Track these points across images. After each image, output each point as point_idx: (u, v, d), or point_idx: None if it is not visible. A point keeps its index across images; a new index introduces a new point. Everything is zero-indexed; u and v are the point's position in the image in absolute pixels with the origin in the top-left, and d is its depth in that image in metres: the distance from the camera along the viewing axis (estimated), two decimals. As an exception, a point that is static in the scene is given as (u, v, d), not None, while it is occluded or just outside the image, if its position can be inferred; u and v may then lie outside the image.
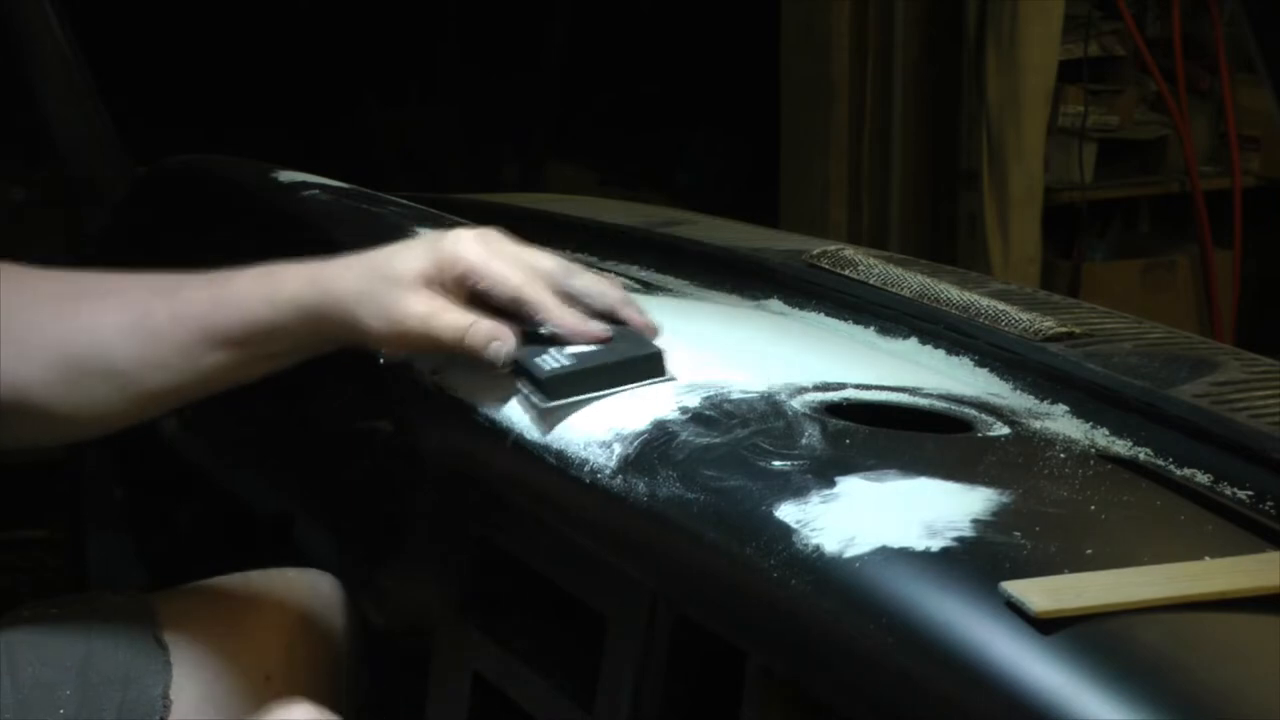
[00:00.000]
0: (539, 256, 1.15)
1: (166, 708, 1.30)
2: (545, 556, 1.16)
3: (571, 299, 1.14)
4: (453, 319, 1.12)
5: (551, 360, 1.11)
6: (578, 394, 1.10)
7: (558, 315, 1.12)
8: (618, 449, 1.06)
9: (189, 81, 4.30)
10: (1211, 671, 0.82)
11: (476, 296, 1.13)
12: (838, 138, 3.65)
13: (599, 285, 1.16)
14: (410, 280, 1.12)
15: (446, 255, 1.12)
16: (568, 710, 1.12)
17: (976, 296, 1.32)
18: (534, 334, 1.13)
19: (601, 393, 1.10)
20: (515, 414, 1.15)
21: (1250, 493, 1.03)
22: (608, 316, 1.15)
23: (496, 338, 1.12)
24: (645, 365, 1.12)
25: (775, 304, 1.46)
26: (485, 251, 1.12)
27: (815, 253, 1.47)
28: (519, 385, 1.13)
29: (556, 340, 1.13)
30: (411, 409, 1.28)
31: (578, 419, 1.10)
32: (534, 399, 1.11)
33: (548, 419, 1.11)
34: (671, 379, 1.12)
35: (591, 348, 1.12)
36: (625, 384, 1.11)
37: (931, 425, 1.09)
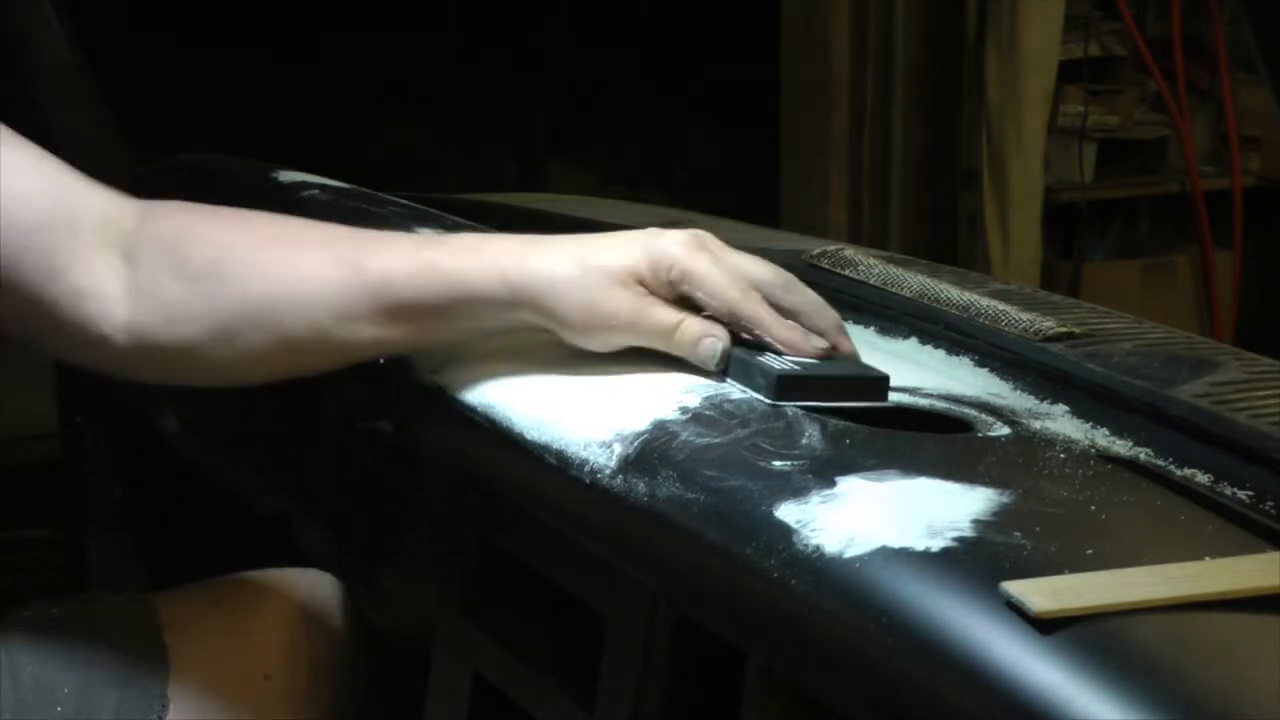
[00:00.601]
0: (755, 265, 1.13)
1: (165, 707, 1.30)
2: (545, 556, 1.16)
3: (786, 313, 1.12)
4: (662, 315, 1.10)
5: (776, 363, 1.09)
6: (806, 399, 1.08)
7: (776, 330, 1.10)
8: (618, 449, 1.06)
9: (189, 81, 4.30)
10: (1211, 671, 0.82)
11: (684, 299, 1.11)
12: (838, 138, 3.66)
13: (817, 304, 1.14)
14: (620, 274, 1.10)
15: (663, 256, 1.10)
16: (568, 710, 1.12)
17: (976, 296, 1.32)
18: (742, 339, 1.11)
19: (824, 404, 1.08)
20: (515, 413, 1.15)
21: (1250, 493, 1.03)
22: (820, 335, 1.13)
23: (711, 334, 1.10)
24: (869, 386, 1.10)
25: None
26: (702, 257, 1.10)
27: (815, 253, 1.47)
28: (732, 384, 1.10)
29: (767, 348, 1.11)
30: (411, 409, 1.28)
31: (578, 419, 1.10)
32: (766, 395, 1.08)
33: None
34: (889, 405, 1.10)
35: (812, 361, 1.10)
36: (846, 400, 1.09)
37: (931, 425, 1.09)
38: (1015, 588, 0.84)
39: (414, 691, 1.29)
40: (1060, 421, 1.14)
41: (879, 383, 1.11)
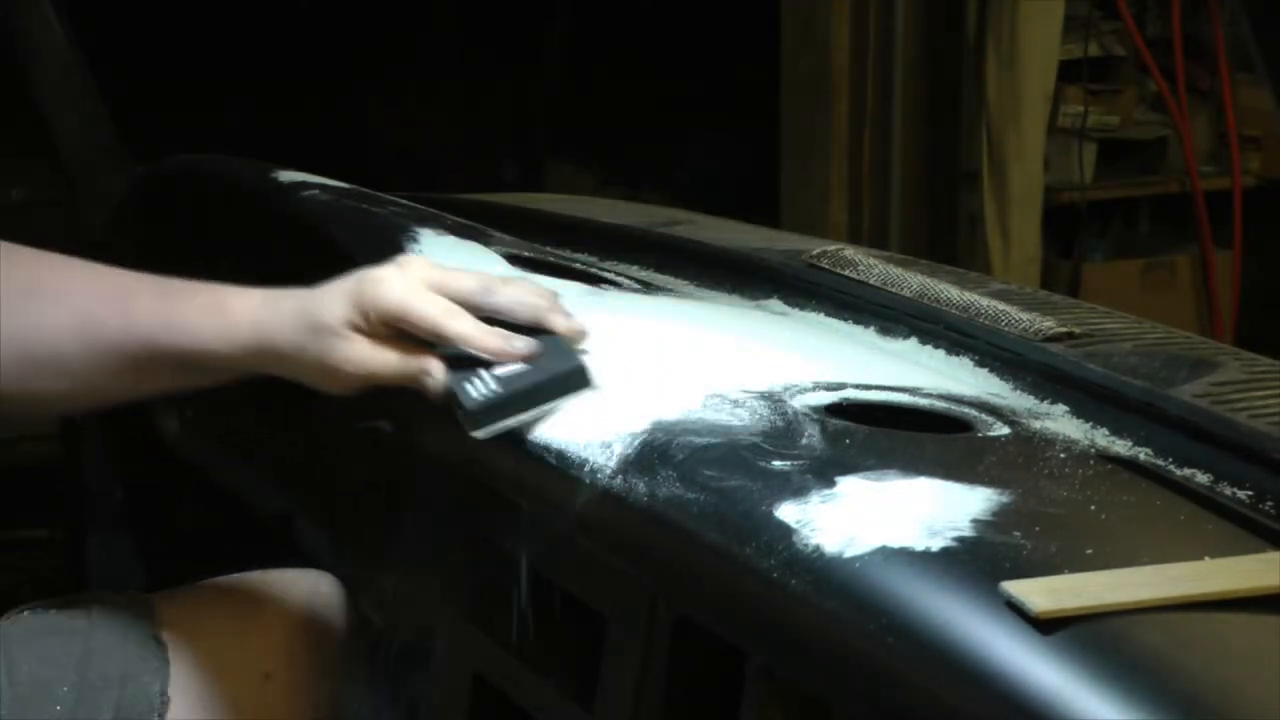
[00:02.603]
0: (458, 279, 1.16)
1: (165, 706, 1.30)
2: (545, 556, 1.16)
3: (495, 316, 1.15)
4: (384, 360, 1.14)
5: (480, 387, 1.12)
6: (504, 420, 1.12)
7: (479, 342, 1.13)
8: (618, 449, 1.06)
9: (188, 81, 4.30)
10: (1211, 671, 0.82)
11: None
12: (838, 138, 3.65)
13: (521, 297, 1.16)
14: (338, 328, 1.13)
15: (367, 298, 1.13)
16: (568, 710, 1.12)
17: (976, 296, 1.32)
18: (465, 357, 1.14)
19: (530, 414, 1.12)
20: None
21: (1250, 493, 1.03)
22: (536, 326, 1.15)
23: (426, 371, 1.13)
24: (571, 379, 1.13)
25: (775, 304, 1.46)
26: (403, 287, 1.13)
27: (815, 253, 1.47)
28: (455, 413, 1.13)
29: (486, 361, 1.14)
30: (411, 409, 1.28)
31: (578, 419, 1.10)
32: (466, 428, 1.12)
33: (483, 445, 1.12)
34: (597, 388, 1.12)
35: (519, 367, 1.13)
36: (553, 400, 1.12)
37: (931, 425, 1.09)
38: (1015, 588, 0.84)
39: (414, 691, 1.29)
40: (1060, 421, 1.14)
41: (579, 373, 1.13)
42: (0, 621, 1.34)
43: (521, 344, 1.14)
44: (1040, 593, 0.83)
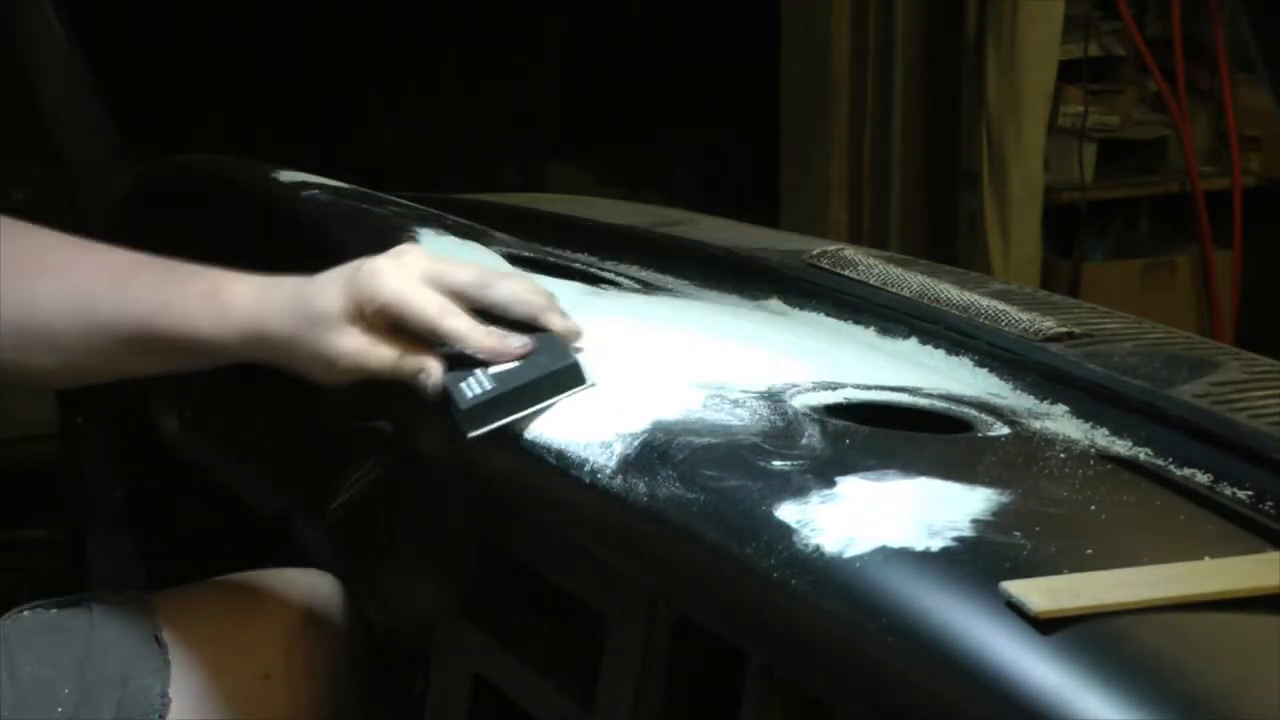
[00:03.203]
0: (455, 272, 1.15)
1: (165, 706, 1.30)
2: (545, 556, 1.16)
3: (491, 311, 1.15)
4: (379, 355, 1.13)
5: (474, 386, 1.12)
6: (499, 419, 1.11)
7: (474, 342, 1.12)
8: (618, 449, 1.06)
9: (189, 81, 4.30)
10: (1211, 671, 0.82)
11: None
12: (838, 138, 3.65)
13: (518, 293, 1.15)
14: (334, 319, 1.13)
15: (364, 291, 1.12)
16: (568, 710, 1.12)
17: (976, 296, 1.32)
18: (461, 355, 1.13)
19: (523, 413, 1.11)
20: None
21: (1250, 493, 1.03)
22: (532, 323, 1.15)
23: (422, 369, 1.13)
24: (565, 377, 1.12)
25: (775, 304, 1.46)
26: (399, 281, 1.12)
27: (815, 253, 1.47)
28: (450, 411, 1.13)
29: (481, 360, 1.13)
30: (411, 409, 1.28)
31: (578, 419, 1.10)
32: (461, 428, 1.12)
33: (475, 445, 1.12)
34: (592, 385, 1.12)
35: (513, 365, 1.12)
36: (546, 399, 1.12)
37: (931, 425, 1.09)
38: (1015, 588, 0.84)
39: (414, 691, 1.29)
40: (1060, 421, 1.14)
41: (573, 370, 1.13)
42: (1, 622, 1.34)
43: (517, 342, 1.13)
44: (1040, 593, 0.83)
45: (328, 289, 1.14)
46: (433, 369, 1.13)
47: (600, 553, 1.09)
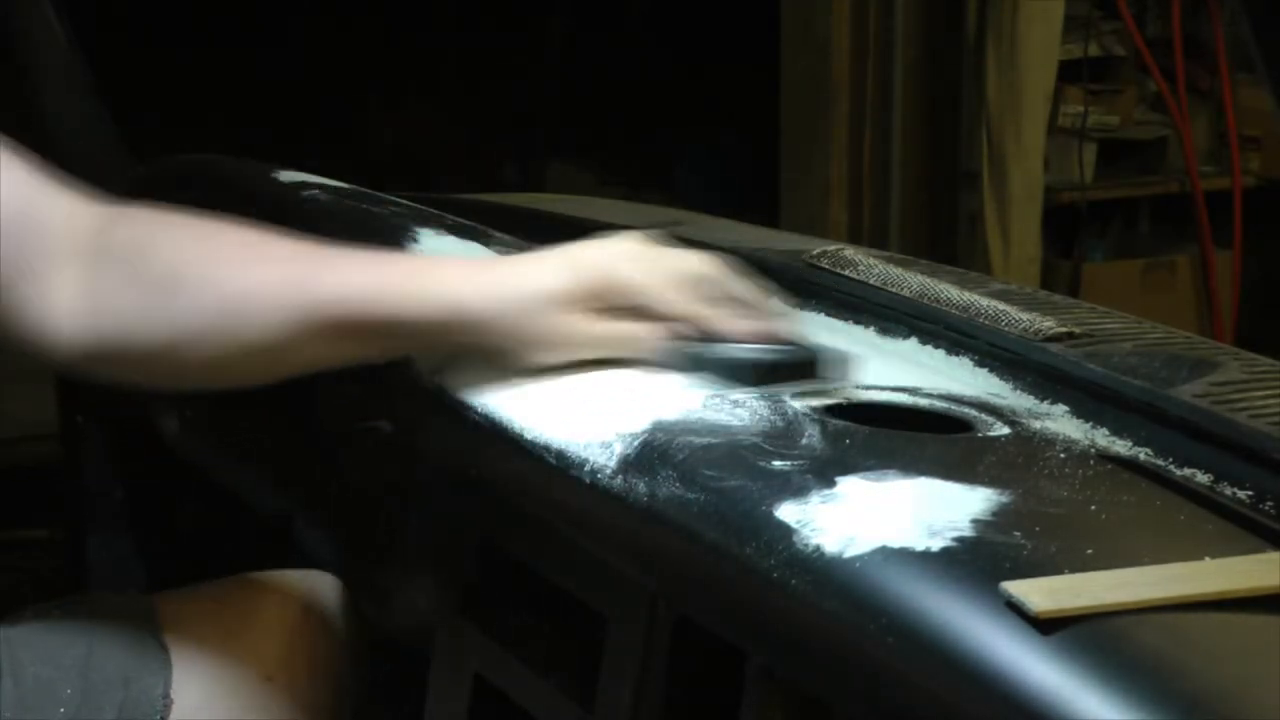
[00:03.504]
0: (693, 263, 1.16)
1: (167, 707, 1.30)
2: (545, 556, 1.16)
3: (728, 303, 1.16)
4: (615, 330, 1.14)
5: (740, 351, 1.13)
6: (781, 381, 1.12)
7: (728, 326, 1.14)
8: (618, 449, 1.06)
9: (188, 81, 4.30)
10: (1211, 671, 0.82)
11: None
12: (838, 138, 3.66)
13: (755, 293, 1.18)
14: (548, 302, 1.13)
15: (596, 276, 1.13)
16: (568, 710, 1.12)
17: (976, 296, 1.32)
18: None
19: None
20: (515, 413, 1.15)
21: (1250, 493, 1.03)
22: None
23: (664, 337, 1.14)
24: (833, 365, 1.15)
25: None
26: (637, 268, 1.13)
27: (815, 253, 1.47)
28: (693, 379, 1.13)
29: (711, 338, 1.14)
30: (411, 409, 1.28)
31: (578, 419, 1.10)
32: (748, 382, 1.12)
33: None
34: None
35: (764, 347, 1.14)
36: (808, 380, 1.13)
37: (931, 425, 1.09)
38: (1015, 588, 0.84)
39: (414, 691, 1.29)
40: (1060, 421, 1.14)
41: (844, 359, 1.17)
42: (2, 623, 1.34)
43: (764, 326, 1.15)
44: (1040, 593, 0.83)
45: (542, 269, 1.14)
46: (675, 336, 1.13)
47: (600, 553, 1.09)
